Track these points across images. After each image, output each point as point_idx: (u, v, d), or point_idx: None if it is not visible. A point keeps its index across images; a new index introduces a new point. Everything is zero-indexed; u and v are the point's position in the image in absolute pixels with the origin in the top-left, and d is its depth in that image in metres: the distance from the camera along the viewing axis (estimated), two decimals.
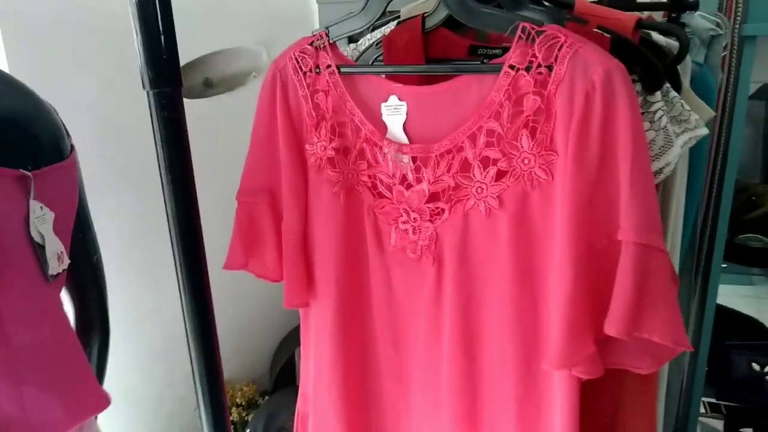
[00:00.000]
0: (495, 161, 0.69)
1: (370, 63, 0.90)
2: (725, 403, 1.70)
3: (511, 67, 0.65)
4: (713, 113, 0.82)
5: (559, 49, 0.62)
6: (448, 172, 0.72)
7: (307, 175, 0.83)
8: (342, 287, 0.83)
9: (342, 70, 0.78)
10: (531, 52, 0.64)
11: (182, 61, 0.71)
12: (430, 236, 0.76)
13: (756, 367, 1.61)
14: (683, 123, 0.80)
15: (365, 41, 0.97)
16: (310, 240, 0.85)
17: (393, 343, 0.83)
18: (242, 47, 1.72)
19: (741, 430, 1.69)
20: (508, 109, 0.66)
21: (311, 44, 0.80)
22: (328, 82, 0.78)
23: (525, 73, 0.65)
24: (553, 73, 0.63)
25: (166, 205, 0.73)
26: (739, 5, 1.18)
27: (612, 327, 0.62)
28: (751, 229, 1.72)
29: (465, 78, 0.70)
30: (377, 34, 0.92)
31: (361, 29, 0.79)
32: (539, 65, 0.64)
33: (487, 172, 0.70)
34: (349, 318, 0.84)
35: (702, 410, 1.67)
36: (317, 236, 0.84)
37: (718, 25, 1.07)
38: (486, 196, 0.70)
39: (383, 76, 0.77)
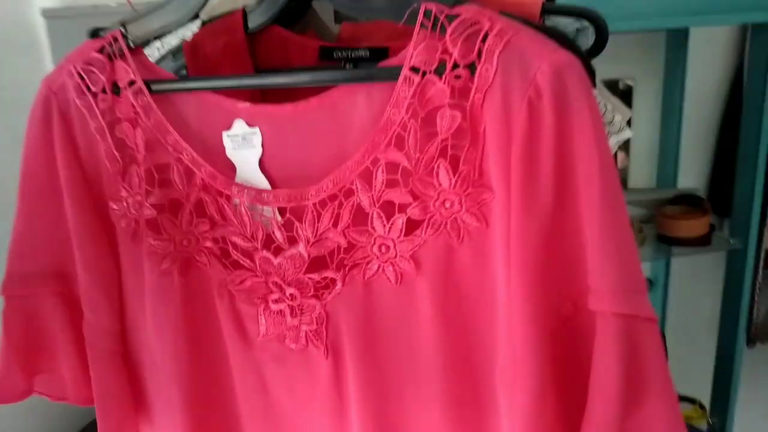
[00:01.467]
0: (403, 207, 0.47)
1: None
2: None
3: (414, 69, 0.44)
4: (630, 113, 0.68)
5: (483, 40, 0.42)
6: (334, 226, 0.50)
7: (117, 247, 0.56)
8: (192, 404, 0.56)
9: (154, 87, 0.51)
10: (441, 46, 0.44)
11: None
12: (318, 318, 0.52)
13: None
14: (608, 126, 0.65)
15: (153, 50, 0.65)
16: (133, 341, 0.57)
17: None
18: None
19: None
20: (415, 131, 0.45)
21: (100, 51, 0.52)
22: (134, 106, 0.51)
23: (435, 78, 0.44)
24: (476, 76, 0.43)
25: None
26: None
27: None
28: None
29: (343, 90, 0.48)
30: (171, 39, 0.62)
31: (178, 26, 0.53)
32: (455, 65, 0.43)
33: (392, 224, 0.48)
34: None
35: None
36: (143, 334, 0.57)
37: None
38: (394, 257, 0.49)
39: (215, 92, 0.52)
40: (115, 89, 0.52)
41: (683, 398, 1.46)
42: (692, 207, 1.32)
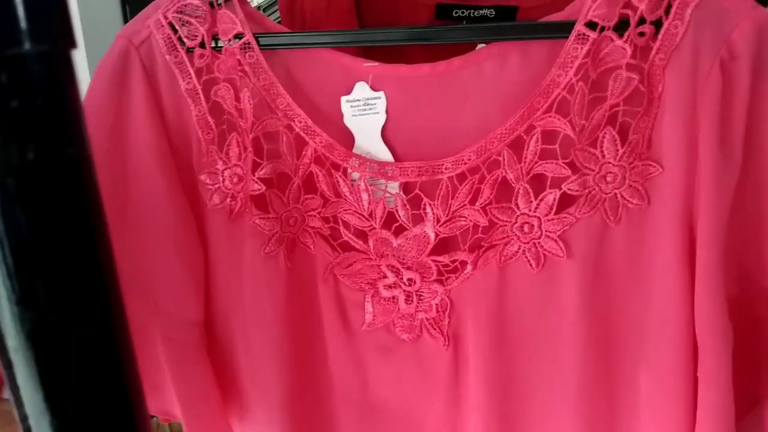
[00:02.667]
0: (557, 181, 0.43)
1: None
2: None
3: (590, 25, 0.39)
4: None
5: None
6: (471, 203, 0.44)
7: (205, 228, 0.49)
8: (290, 398, 0.50)
9: (263, 41, 0.44)
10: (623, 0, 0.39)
11: None
12: (439, 305, 0.47)
13: None
14: None
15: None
16: (223, 332, 0.51)
17: None
18: None
19: None
20: (583, 95, 0.40)
21: None
22: (240, 63, 0.45)
23: (614, 35, 0.39)
24: (661, 35, 0.38)
25: None
26: None
27: None
28: None
29: (494, 49, 0.43)
30: None
31: None
32: (641, 20, 0.38)
33: (541, 200, 0.43)
34: None
35: None
36: (237, 324, 0.50)
37: None
38: (538, 237, 0.44)
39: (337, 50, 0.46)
40: (217, 44, 0.45)
41: None
42: None
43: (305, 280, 0.49)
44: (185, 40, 0.45)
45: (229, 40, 0.44)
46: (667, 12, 0.38)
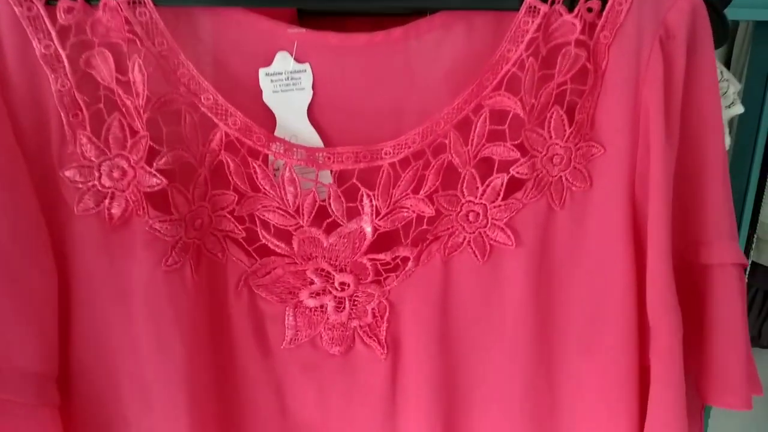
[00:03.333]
0: (504, 165, 0.40)
1: None
2: None
3: None
4: (739, 86, 0.65)
5: None
6: (414, 192, 0.40)
7: (67, 241, 0.37)
8: None
9: None
10: None
11: None
12: (376, 309, 0.42)
13: None
14: (721, 98, 0.61)
15: None
16: (100, 386, 0.39)
17: None
18: None
19: None
20: (533, 72, 0.38)
21: None
22: (128, 22, 0.34)
23: (564, 10, 0.37)
24: (606, 11, 0.37)
25: None
26: None
27: (733, 397, 0.42)
28: None
29: (438, 20, 0.38)
30: None
31: None
32: None
33: (488, 185, 0.40)
34: None
35: None
36: (126, 371, 0.39)
37: None
38: (484, 226, 0.41)
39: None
40: None
41: None
42: None
43: (212, 296, 0.40)
44: None
45: None
46: None
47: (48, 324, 0.37)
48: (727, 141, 0.62)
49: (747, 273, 0.81)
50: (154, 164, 0.35)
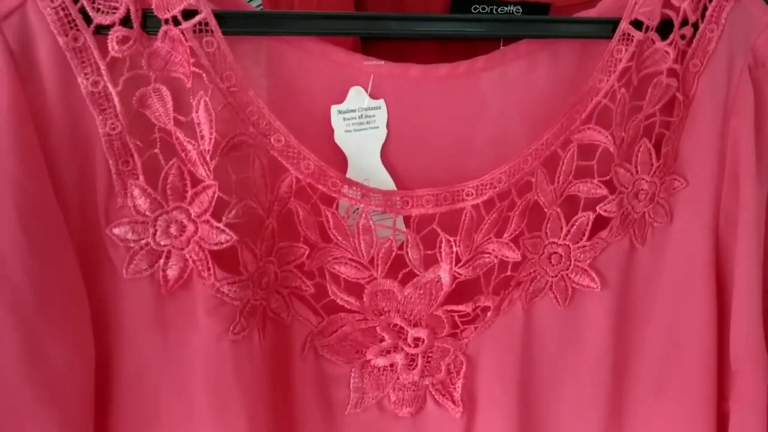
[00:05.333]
0: (591, 203, 0.37)
1: None
2: None
3: (635, 24, 0.34)
4: None
5: None
6: (498, 236, 0.36)
7: (113, 311, 0.31)
8: None
9: (228, 22, 0.30)
10: None
11: None
12: (451, 366, 0.38)
13: None
14: None
15: None
16: None
17: None
18: None
19: None
20: (624, 103, 0.35)
21: None
22: (194, 54, 0.29)
23: (656, 38, 0.35)
24: (696, 39, 0.35)
25: None
26: None
27: None
28: None
29: (522, 48, 0.35)
30: None
31: None
32: (684, 22, 0.35)
33: (572, 225, 0.37)
34: None
35: None
36: None
37: None
38: (566, 269, 0.38)
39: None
40: (149, 23, 0.29)
41: None
42: None
43: (276, 363, 0.35)
44: (92, 12, 0.28)
45: (174, 17, 0.29)
46: (703, 14, 0.35)
47: (76, 412, 0.31)
48: None
49: None
50: (224, 218, 0.30)
